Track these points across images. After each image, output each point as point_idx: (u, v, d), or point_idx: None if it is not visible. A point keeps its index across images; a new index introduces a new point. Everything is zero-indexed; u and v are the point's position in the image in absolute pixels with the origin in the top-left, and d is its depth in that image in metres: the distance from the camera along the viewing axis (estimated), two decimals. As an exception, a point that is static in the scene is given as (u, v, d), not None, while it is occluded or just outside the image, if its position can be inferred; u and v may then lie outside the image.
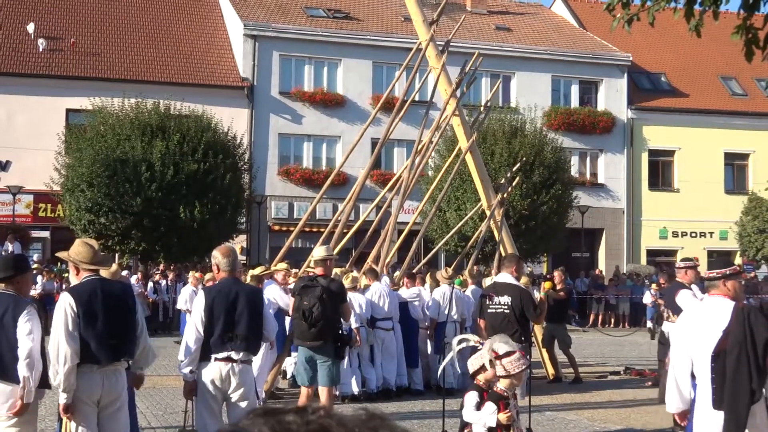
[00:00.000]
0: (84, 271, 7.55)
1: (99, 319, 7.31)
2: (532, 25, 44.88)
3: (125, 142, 30.16)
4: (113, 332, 7.38)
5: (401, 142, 36.61)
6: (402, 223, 21.44)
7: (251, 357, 8.52)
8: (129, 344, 7.60)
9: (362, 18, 41.38)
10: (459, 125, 18.49)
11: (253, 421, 1.42)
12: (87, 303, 7.30)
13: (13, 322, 7.18)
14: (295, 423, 1.41)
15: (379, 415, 1.46)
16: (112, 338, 7.37)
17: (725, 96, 44.46)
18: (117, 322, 7.45)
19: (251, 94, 37.76)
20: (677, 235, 42.44)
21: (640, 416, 13.70)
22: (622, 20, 7.41)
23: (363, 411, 1.47)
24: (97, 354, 7.28)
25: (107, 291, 7.55)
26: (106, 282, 7.82)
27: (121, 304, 7.59)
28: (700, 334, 6.59)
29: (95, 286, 7.48)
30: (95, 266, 7.64)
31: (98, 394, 7.37)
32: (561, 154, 36.04)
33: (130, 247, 30.56)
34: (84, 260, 7.54)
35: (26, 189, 32.86)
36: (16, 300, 7.36)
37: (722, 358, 6.33)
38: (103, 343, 7.30)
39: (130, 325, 7.61)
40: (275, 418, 1.42)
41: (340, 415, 1.44)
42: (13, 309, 7.24)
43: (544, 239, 34.02)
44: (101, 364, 7.33)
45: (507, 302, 11.40)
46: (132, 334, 7.62)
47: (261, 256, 34.57)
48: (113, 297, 7.55)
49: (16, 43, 36.53)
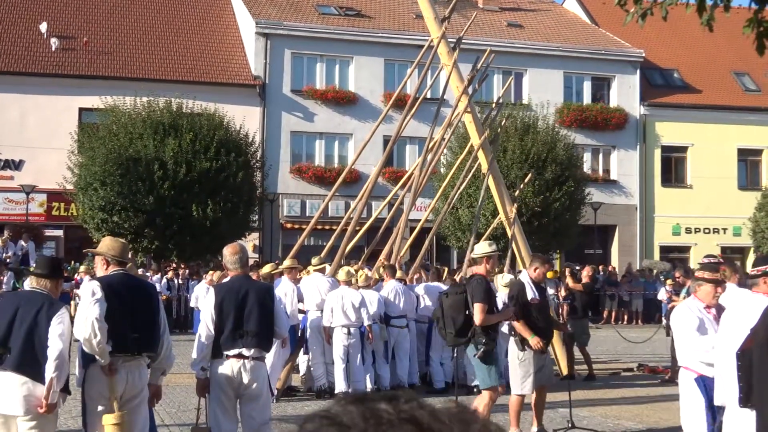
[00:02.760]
0: (113, 265, 7.76)
1: (124, 311, 7.46)
2: (544, 21, 44.77)
3: (138, 140, 30.24)
4: (137, 325, 7.54)
5: (413, 140, 36.58)
6: (414, 221, 21.43)
7: (263, 354, 8.54)
8: (152, 339, 7.74)
9: (374, 15, 41.36)
10: (471, 122, 18.47)
11: (344, 408, 1.40)
12: (115, 293, 7.47)
13: (47, 320, 7.21)
14: (387, 411, 1.38)
15: (470, 408, 1.45)
16: (135, 331, 7.52)
17: (738, 92, 44.27)
18: (141, 316, 7.63)
19: (263, 92, 37.79)
20: (690, 232, 42.30)
21: (653, 413, 13.67)
22: (636, 15, 7.38)
23: (454, 404, 1.44)
24: (121, 344, 7.41)
25: (134, 285, 7.82)
26: (132, 277, 8.08)
27: (145, 300, 7.80)
28: (732, 331, 6.57)
29: (123, 279, 7.72)
30: (125, 260, 7.88)
31: (122, 387, 7.49)
32: (573, 151, 36.00)
33: (143, 246, 30.63)
34: (116, 254, 7.77)
35: (39, 188, 32.97)
36: (50, 300, 7.44)
37: (747, 356, 6.30)
38: (127, 335, 7.45)
39: (154, 321, 7.78)
40: (366, 406, 1.40)
41: (432, 407, 1.41)
42: (47, 308, 7.29)
43: (556, 236, 33.97)
44: (124, 354, 7.44)
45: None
46: (155, 331, 7.78)
47: (273, 254, 34.60)
48: (139, 292, 7.80)
49: (28, 42, 36.63)
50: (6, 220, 32.86)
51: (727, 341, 6.69)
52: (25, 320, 7.21)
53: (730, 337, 6.62)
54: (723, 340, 6.81)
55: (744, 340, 6.38)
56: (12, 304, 7.43)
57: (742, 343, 6.39)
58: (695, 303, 8.16)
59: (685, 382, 8.14)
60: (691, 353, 7.97)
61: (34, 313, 7.23)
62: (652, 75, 43.79)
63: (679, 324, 8.19)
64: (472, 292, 10.50)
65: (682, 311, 8.23)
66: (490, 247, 10.94)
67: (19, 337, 7.17)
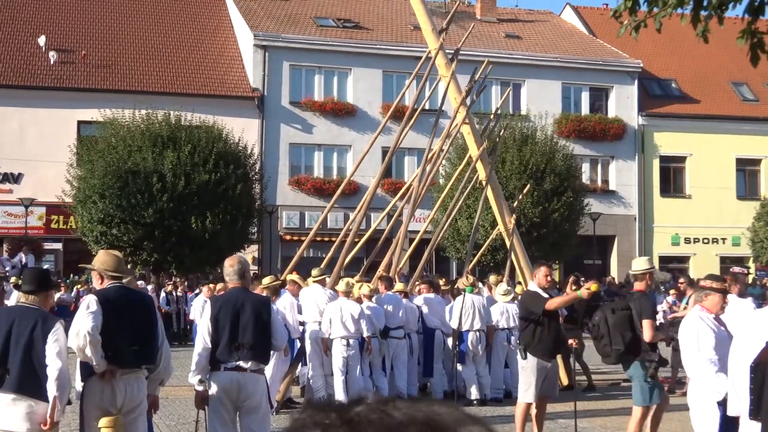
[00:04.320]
0: (108, 279, 7.75)
1: (122, 324, 7.48)
2: (542, 32, 44.88)
3: (136, 153, 30.25)
4: (135, 338, 7.55)
5: (412, 151, 36.63)
6: (413, 232, 21.44)
7: (261, 366, 8.53)
8: (150, 351, 7.76)
9: (372, 27, 41.45)
10: (469, 133, 18.51)
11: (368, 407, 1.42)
12: (112, 306, 7.47)
13: (43, 338, 7.22)
14: (400, 410, 1.40)
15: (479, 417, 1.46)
16: (134, 343, 7.53)
17: (736, 102, 44.34)
18: (139, 328, 7.64)
19: (262, 104, 37.85)
20: (689, 242, 42.31)
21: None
22: (629, 27, 7.41)
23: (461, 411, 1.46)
24: (119, 357, 7.42)
25: (131, 298, 7.83)
26: (129, 290, 8.09)
27: (143, 313, 7.82)
28: (746, 343, 6.56)
29: (120, 292, 7.72)
30: (119, 274, 7.85)
31: (120, 400, 7.49)
32: (572, 161, 36.04)
33: (142, 258, 30.63)
34: (109, 268, 7.76)
35: (38, 201, 33.00)
36: (44, 315, 7.42)
37: (761, 369, 6.28)
38: (125, 347, 7.46)
39: (152, 333, 7.80)
40: (384, 407, 1.41)
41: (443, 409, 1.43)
42: (42, 325, 7.28)
43: (555, 246, 33.96)
44: (123, 367, 7.47)
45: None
46: (153, 342, 7.80)
47: (273, 266, 34.61)
48: (136, 304, 7.82)
49: (27, 55, 36.70)
50: (5, 233, 32.82)
51: (740, 353, 6.67)
52: (21, 339, 7.20)
53: (744, 349, 6.59)
54: (736, 352, 6.78)
55: (760, 353, 6.36)
56: (5, 321, 7.38)
57: (757, 356, 6.36)
58: (704, 314, 8.07)
59: (698, 395, 8.04)
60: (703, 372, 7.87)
61: (29, 331, 7.22)
62: (650, 85, 43.87)
63: (689, 336, 8.07)
64: (640, 308, 10.42)
65: (693, 323, 8.08)
66: (648, 263, 10.97)
67: (17, 358, 7.17)
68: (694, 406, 8.12)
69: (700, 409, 8.01)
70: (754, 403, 6.34)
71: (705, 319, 7.99)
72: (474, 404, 14.86)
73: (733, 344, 6.98)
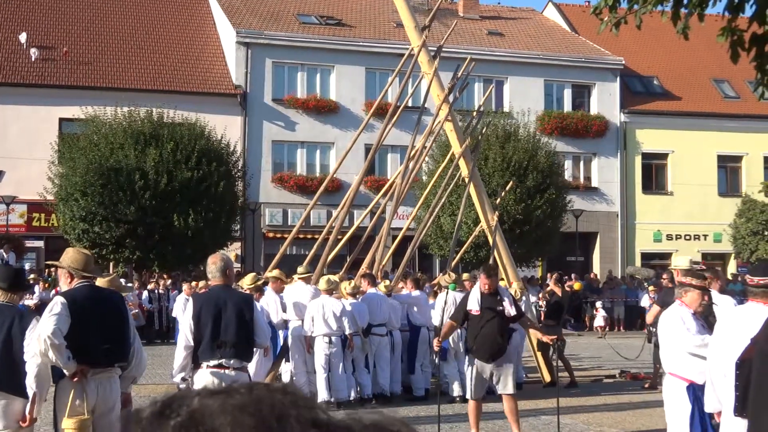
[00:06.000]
0: (77, 278, 7.60)
1: (92, 323, 7.36)
2: (525, 29, 44.94)
3: (118, 150, 30.12)
4: (106, 337, 7.43)
5: (395, 148, 36.60)
6: (396, 229, 21.45)
7: (244, 364, 8.51)
8: (122, 349, 7.66)
9: (354, 24, 41.41)
10: (452, 130, 18.52)
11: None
12: (80, 307, 7.34)
13: (21, 335, 7.21)
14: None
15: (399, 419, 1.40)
16: (105, 342, 7.41)
17: (718, 99, 44.52)
18: (110, 327, 7.52)
19: (244, 102, 37.77)
20: (671, 238, 42.46)
21: (635, 419, 13.72)
22: (609, 23, 7.42)
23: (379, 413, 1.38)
24: (90, 357, 7.31)
25: (100, 297, 7.66)
26: (98, 289, 7.92)
27: (113, 311, 7.68)
28: (730, 339, 6.57)
29: (88, 292, 7.57)
30: (89, 273, 7.72)
31: (93, 401, 7.40)
32: (554, 159, 36.10)
33: (125, 256, 30.52)
34: (79, 267, 7.61)
35: (20, 199, 32.79)
36: (20, 312, 7.40)
37: (747, 366, 6.30)
38: (96, 347, 7.35)
39: (122, 331, 7.68)
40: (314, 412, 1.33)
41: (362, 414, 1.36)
42: (19, 322, 7.29)
43: (538, 244, 34.06)
44: (95, 366, 7.37)
45: None
46: (125, 340, 7.69)
47: (256, 263, 34.55)
48: (106, 303, 7.66)
49: (8, 52, 36.49)
50: (-14, 231, 32.69)
51: (722, 349, 6.68)
52: None
53: (727, 346, 6.60)
54: (718, 348, 6.80)
55: (744, 350, 6.37)
56: None
57: (742, 353, 6.37)
58: (683, 309, 8.12)
59: (672, 389, 8.10)
60: (681, 352, 7.91)
61: (6, 328, 7.22)
62: (632, 82, 44.01)
63: (667, 330, 8.15)
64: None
65: (671, 317, 8.14)
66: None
67: None
68: (669, 400, 8.18)
69: (674, 404, 8.06)
70: (739, 400, 6.36)
71: (682, 315, 8.02)
72: (456, 401, 14.88)
73: (713, 341, 7.01)
